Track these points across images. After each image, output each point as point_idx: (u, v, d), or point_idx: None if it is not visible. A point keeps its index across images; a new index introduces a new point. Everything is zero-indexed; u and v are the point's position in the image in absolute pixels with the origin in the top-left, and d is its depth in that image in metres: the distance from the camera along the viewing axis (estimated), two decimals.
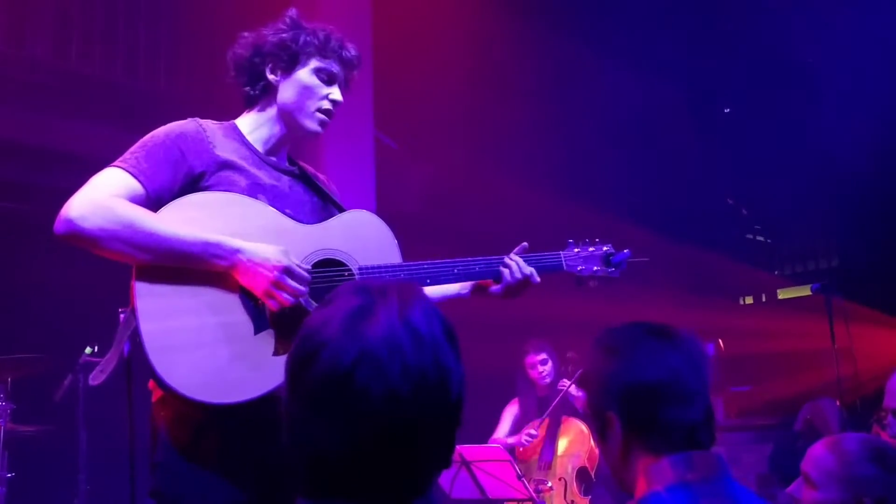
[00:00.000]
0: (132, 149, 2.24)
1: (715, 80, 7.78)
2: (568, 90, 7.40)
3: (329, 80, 2.42)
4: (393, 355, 1.17)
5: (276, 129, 2.42)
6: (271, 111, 2.43)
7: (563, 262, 2.58)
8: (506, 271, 2.47)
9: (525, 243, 2.55)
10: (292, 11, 2.46)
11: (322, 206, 2.48)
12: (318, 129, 2.43)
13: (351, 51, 2.46)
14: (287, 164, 2.49)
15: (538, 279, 2.49)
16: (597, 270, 2.61)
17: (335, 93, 2.42)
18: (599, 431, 1.67)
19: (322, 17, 5.50)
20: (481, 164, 7.17)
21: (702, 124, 7.92)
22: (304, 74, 2.40)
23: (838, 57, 6.85)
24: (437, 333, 1.22)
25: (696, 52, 7.28)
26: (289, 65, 2.40)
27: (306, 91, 2.39)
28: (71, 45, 5.73)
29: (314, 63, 2.40)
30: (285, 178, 2.42)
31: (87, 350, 4.76)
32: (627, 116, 7.36)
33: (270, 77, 2.41)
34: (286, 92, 2.40)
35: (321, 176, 2.59)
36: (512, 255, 2.51)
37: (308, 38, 2.40)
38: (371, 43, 6.26)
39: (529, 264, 2.50)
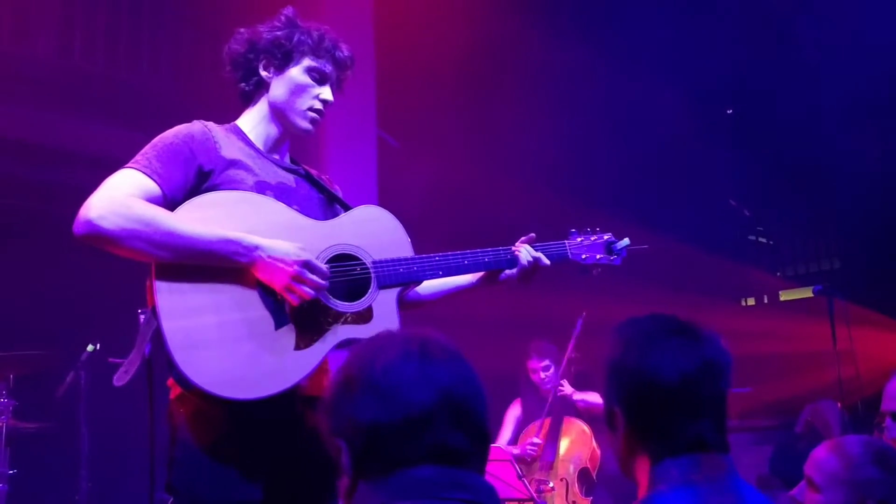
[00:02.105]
0: (143, 151, 2.27)
1: (717, 81, 7.77)
2: (570, 90, 7.39)
3: (321, 79, 2.44)
4: (446, 345, 1.43)
5: (273, 128, 2.45)
6: (265, 109, 2.46)
7: (568, 251, 2.66)
8: (518, 256, 2.54)
9: (532, 234, 2.62)
10: (288, 10, 2.49)
11: (328, 203, 2.50)
12: (309, 127, 2.45)
13: (345, 51, 2.48)
14: (290, 163, 2.52)
15: (547, 262, 2.58)
16: (600, 258, 2.69)
17: (325, 92, 2.44)
18: (608, 421, 1.63)
19: (324, 16, 5.51)
20: (484, 162, 7.16)
21: (704, 125, 7.91)
22: (297, 73, 2.42)
23: (840, 58, 6.84)
24: None
25: (698, 52, 7.28)
26: (282, 62, 2.42)
27: (297, 89, 2.41)
28: (74, 43, 5.73)
29: (307, 62, 2.42)
30: (290, 176, 2.46)
31: (89, 347, 4.77)
32: (629, 117, 7.36)
33: (263, 73, 2.44)
34: (277, 89, 2.43)
35: (324, 176, 2.61)
36: (518, 244, 2.58)
37: (302, 37, 2.42)
38: (373, 41, 6.27)
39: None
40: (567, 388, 5.21)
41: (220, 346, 2.11)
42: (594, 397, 5.23)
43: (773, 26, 7.26)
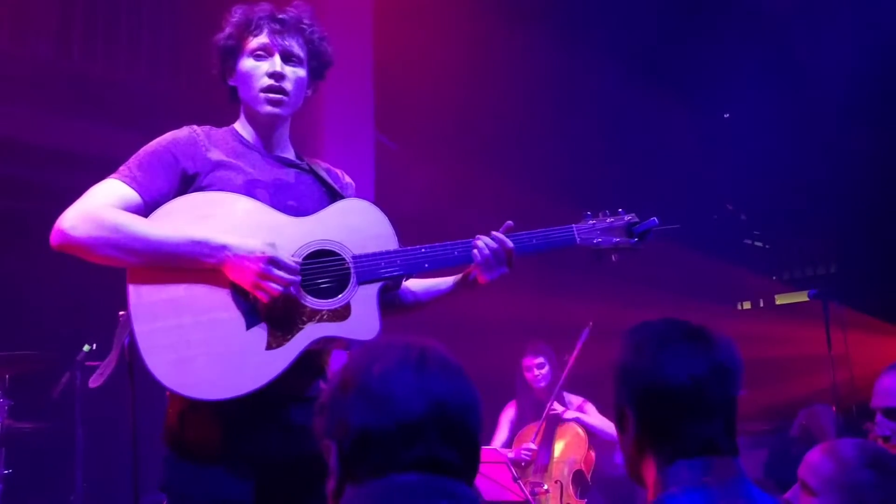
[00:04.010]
0: (127, 161, 2.28)
1: (715, 85, 7.79)
2: (567, 93, 7.41)
3: (266, 54, 2.38)
4: (447, 356, 1.43)
5: (252, 126, 2.44)
6: (242, 111, 2.47)
7: (576, 236, 2.40)
8: (475, 252, 2.31)
9: (510, 222, 2.36)
10: (232, 9, 2.43)
11: (331, 198, 2.47)
12: (270, 109, 2.37)
13: (287, 13, 2.40)
14: (294, 157, 2.50)
15: (510, 245, 2.30)
16: (618, 242, 2.43)
17: (268, 64, 2.36)
18: (618, 422, 1.63)
19: (322, 18, 5.49)
20: (482, 165, 7.17)
21: (701, 129, 7.93)
22: (242, 64, 2.40)
23: (838, 61, 6.86)
24: None
25: (695, 57, 7.29)
26: (232, 64, 2.42)
27: (247, 78, 2.39)
28: (73, 43, 5.73)
29: (246, 46, 2.38)
30: (291, 171, 2.44)
31: (86, 347, 4.76)
32: (627, 120, 7.37)
33: (229, 82, 2.45)
34: (239, 88, 2.43)
35: (336, 170, 2.60)
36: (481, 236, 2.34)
37: (233, 30, 2.40)
38: (372, 44, 6.27)
39: (537, 241, 2.36)
40: (558, 408, 5.19)
41: (190, 347, 2.11)
42: (586, 416, 5.22)
43: (770, 28, 7.27)
